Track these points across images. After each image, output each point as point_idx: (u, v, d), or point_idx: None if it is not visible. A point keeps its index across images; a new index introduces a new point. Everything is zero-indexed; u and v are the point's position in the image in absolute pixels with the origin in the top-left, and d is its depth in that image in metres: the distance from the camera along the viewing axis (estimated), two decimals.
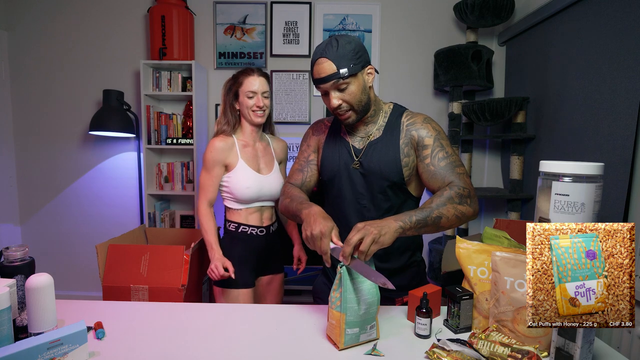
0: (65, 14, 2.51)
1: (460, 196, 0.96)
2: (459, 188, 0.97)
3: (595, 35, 1.62)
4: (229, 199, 1.47)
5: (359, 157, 1.10)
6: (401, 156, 1.06)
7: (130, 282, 1.74)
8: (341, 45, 1.00)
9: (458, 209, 0.95)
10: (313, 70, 1.04)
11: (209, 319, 0.98)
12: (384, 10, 2.52)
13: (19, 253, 0.88)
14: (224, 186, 1.45)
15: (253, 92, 1.41)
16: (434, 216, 0.92)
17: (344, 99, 1.02)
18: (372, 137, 1.10)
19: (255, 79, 1.42)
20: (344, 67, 0.99)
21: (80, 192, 2.61)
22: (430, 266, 2.45)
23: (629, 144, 1.40)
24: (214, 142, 1.42)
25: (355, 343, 0.85)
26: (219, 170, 1.43)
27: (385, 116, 1.12)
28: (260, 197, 1.46)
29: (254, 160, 1.48)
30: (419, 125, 1.07)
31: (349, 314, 0.82)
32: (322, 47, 1.02)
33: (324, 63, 0.99)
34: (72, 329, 0.76)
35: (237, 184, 1.42)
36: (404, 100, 2.57)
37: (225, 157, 1.42)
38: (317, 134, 1.22)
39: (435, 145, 1.04)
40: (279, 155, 1.59)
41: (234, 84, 1.45)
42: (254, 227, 1.47)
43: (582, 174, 0.75)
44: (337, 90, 1.02)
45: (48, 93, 2.55)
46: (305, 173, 1.20)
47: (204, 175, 1.44)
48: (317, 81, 1.03)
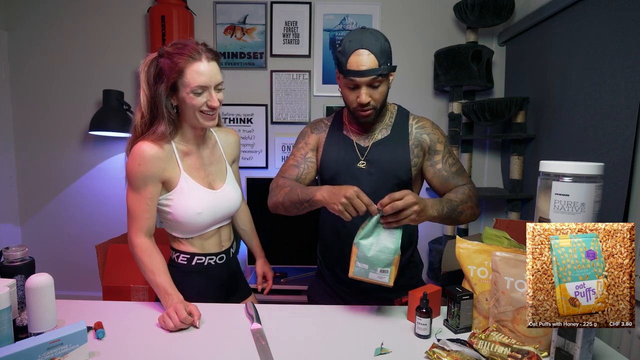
0: (66, 14, 2.51)
1: (476, 197, 1.05)
2: (474, 189, 1.05)
3: (595, 35, 1.62)
4: (174, 228, 1.08)
5: (365, 156, 1.08)
6: (411, 156, 1.07)
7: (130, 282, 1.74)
8: (380, 39, 0.95)
9: (473, 209, 1.02)
10: (348, 61, 0.95)
11: (209, 319, 0.98)
12: (384, 10, 2.52)
13: (19, 253, 0.88)
14: (164, 212, 1.05)
15: (202, 87, 0.97)
16: (459, 211, 0.98)
17: (373, 96, 0.99)
18: (379, 135, 1.09)
19: (204, 66, 0.96)
20: (385, 64, 0.95)
21: (80, 192, 2.61)
22: (430, 266, 2.45)
23: (629, 144, 1.40)
24: (143, 149, 0.96)
25: (365, 278, 0.91)
26: (153, 189, 1.00)
27: (392, 116, 1.11)
28: (217, 220, 1.11)
29: (200, 171, 1.08)
30: (429, 130, 1.10)
31: (360, 250, 0.91)
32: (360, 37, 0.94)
33: (366, 55, 0.93)
34: (72, 329, 0.76)
35: (183, 211, 1.02)
36: (404, 100, 2.56)
37: (161, 170, 1.00)
38: (317, 132, 1.17)
39: (445, 151, 1.09)
40: (231, 154, 1.21)
41: (168, 71, 0.96)
42: (212, 255, 1.12)
43: (582, 174, 0.75)
44: (370, 87, 0.97)
45: (48, 93, 2.55)
46: (301, 169, 1.14)
47: (132, 197, 1.00)
48: (355, 73, 0.95)
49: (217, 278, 1.14)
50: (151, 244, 1.03)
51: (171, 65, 0.96)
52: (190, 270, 1.10)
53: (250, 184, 2.34)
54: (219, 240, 1.15)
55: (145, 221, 1.01)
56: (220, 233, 1.15)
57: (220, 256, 1.14)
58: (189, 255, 1.10)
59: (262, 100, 2.56)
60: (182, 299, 0.97)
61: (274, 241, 2.34)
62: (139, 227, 1.01)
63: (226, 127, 1.25)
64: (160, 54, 1.00)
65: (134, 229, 1.01)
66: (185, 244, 1.10)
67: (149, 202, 1.00)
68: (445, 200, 0.97)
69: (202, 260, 1.11)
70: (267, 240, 2.25)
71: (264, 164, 2.58)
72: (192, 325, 0.93)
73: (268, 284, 1.33)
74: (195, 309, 0.94)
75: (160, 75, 0.99)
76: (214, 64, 1.00)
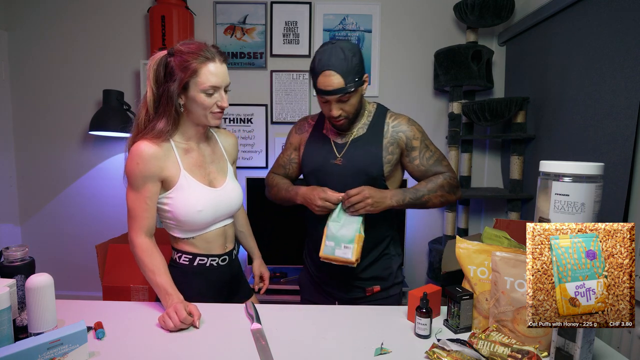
0: (66, 14, 2.51)
1: (450, 185, 1.11)
2: (450, 178, 1.11)
3: (595, 35, 1.62)
4: (173, 227, 1.08)
5: (341, 154, 1.16)
6: (384, 153, 1.14)
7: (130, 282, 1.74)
8: (348, 57, 1.02)
9: (445, 196, 1.10)
10: (318, 80, 1.05)
11: (209, 319, 0.98)
12: (384, 10, 2.52)
13: (19, 253, 0.88)
14: (164, 210, 1.05)
15: (215, 87, 1.00)
16: (423, 200, 1.08)
17: (344, 109, 1.08)
18: (355, 134, 1.17)
19: (217, 67, 0.99)
20: (351, 82, 1.03)
21: (80, 192, 2.61)
22: (430, 266, 2.45)
23: (629, 144, 1.40)
24: (141, 148, 0.97)
25: (332, 255, 1.06)
26: (152, 188, 1.00)
27: (370, 115, 1.18)
28: (218, 218, 1.10)
29: (202, 169, 1.08)
30: (405, 127, 1.15)
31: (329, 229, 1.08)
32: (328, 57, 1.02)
33: (332, 77, 1.02)
34: (72, 329, 0.76)
35: (183, 209, 1.02)
36: (404, 100, 2.58)
37: (159, 169, 1.00)
38: (299, 133, 1.28)
39: (421, 147, 1.15)
40: (231, 154, 1.22)
41: (181, 70, 0.97)
42: (214, 256, 1.11)
43: (582, 174, 0.75)
44: (340, 102, 1.06)
45: (48, 93, 2.55)
46: (287, 169, 1.31)
47: (132, 197, 1.00)
48: (323, 92, 1.05)
49: (218, 279, 1.13)
50: (152, 243, 1.03)
51: (184, 64, 0.97)
52: (192, 271, 1.09)
53: (250, 184, 2.34)
54: (224, 241, 1.14)
55: (145, 221, 1.01)
56: (226, 233, 1.15)
57: (223, 257, 1.14)
58: (191, 255, 1.09)
59: (262, 100, 2.56)
60: (182, 299, 0.97)
61: (274, 241, 2.34)
62: (139, 226, 1.01)
63: (224, 128, 1.27)
64: (170, 52, 1.00)
65: (135, 228, 1.01)
66: (187, 244, 1.08)
67: (148, 202, 1.01)
68: (411, 191, 1.09)
69: (204, 261, 1.10)
70: (267, 240, 2.26)
71: (264, 164, 2.59)
72: (192, 325, 0.93)
73: (264, 284, 1.35)
74: (195, 309, 0.94)
75: (171, 74, 0.98)
76: (225, 65, 1.03)
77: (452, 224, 2.38)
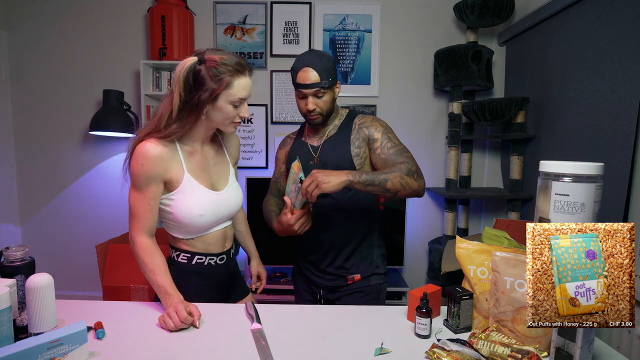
0: (66, 14, 2.51)
1: (409, 170, 1.14)
2: (408, 165, 1.16)
3: (595, 35, 1.62)
4: (173, 227, 1.08)
5: (317, 154, 1.28)
6: (352, 147, 1.24)
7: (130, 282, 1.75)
8: (324, 60, 1.18)
9: (404, 178, 1.12)
10: (297, 76, 1.20)
11: (209, 319, 0.98)
12: (384, 10, 2.52)
13: (19, 253, 0.88)
14: (165, 211, 1.05)
15: (242, 100, 1.03)
16: (382, 178, 1.09)
17: (318, 104, 1.21)
18: (328, 135, 1.29)
19: (248, 81, 1.03)
20: (326, 79, 1.18)
21: (80, 192, 2.61)
22: (430, 266, 2.45)
23: (629, 144, 1.40)
24: (146, 149, 0.97)
25: None
26: (155, 189, 1.00)
27: (341, 118, 1.31)
28: (219, 221, 1.11)
29: (205, 171, 1.08)
30: (369, 123, 1.26)
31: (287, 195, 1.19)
32: (307, 58, 1.18)
33: (310, 72, 1.17)
34: (72, 329, 0.76)
35: (184, 212, 1.03)
36: (404, 100, 2.58)
37: (163, 171, 1.00)
38: (283, 147, 1.41)
39: (383, 138, 1.23)
40: (234, 156, 1.23)
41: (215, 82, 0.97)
42: (213, 255, 1.12)
43: (582, 174, 0.75)
44: (315, 97, 1.20)
45: (48, 93, 2.55)
46: (279, 184, 1.42)
47: (134, 197, 1.00)
48: (301, 86, 1.19)
49: (216, 278, 1.14)
50: (152, 243, 1.03)
51: (218, 76, 0.97)
52: (190, 269, 1.10)
53: (250, 183, 2.34)
54: (223, 241, 1.15)
55: (147, 221, 1.01)
56: (226, 235, 1.16)
57: (221, 257, 1.14)
58: (189, 254, 1.09)
59: (262, 100, 2.56)
60: (183, 299, 0.97)
61: (273, 241, 2.33)
62: (140, 226, 1.01)
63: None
64: (201, 60, 0.98)
65: (136, 228, 1.01)
66: (186, 243, 1.09)
67: (151, 202, 1.01)
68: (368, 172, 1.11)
69: (203, 260, 1.10)
70: (267, 240, 2.25)
71: (264, 164, 2.59)
72: (192, 325, 0.93)
73: (262, 283, 1.38)
74: (195, 308, 0.94)
75: (202, 83, 0.97)
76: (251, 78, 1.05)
77: (452, 224, 2.38)
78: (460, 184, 2.46)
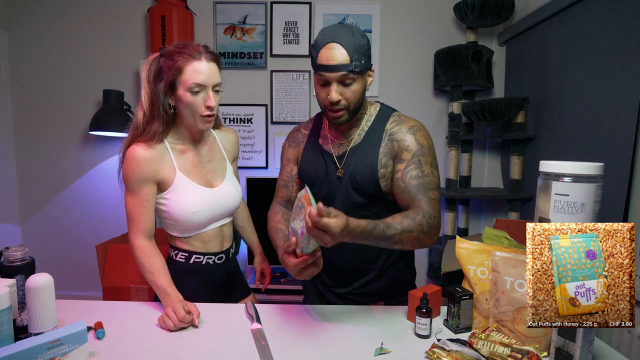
0: (66, 14, 2.51)
1: (430, 226, 0.89)
2: (431, 217, 0.90)
3: (595, 35, 1.62)
4: (170, 226, 1.09)
5: (341, 165, 1.02)
6: (378, 166, 0.98)
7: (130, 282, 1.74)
8: (357, 36, 0.89)
9: (420, 239, 0.88)
10: (319, 55, 0.90)
11: (209, 319, 0.98)
12: (384, 10, 2.52)
13: (19, 253, 0.88)
14: (161, 211, 1.06)
15: (200, 86, 0.97)
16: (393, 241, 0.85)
17: (345, 95, 0.92)
18: (353, 142, 1.01)
19: (203, 65, 0.97)
20: (358, 60, 0.88)
21: (80, 192, 2.61)
22: (430, 266, 2.45)
23: (629, 144, 1.40)
24: (135, 152, 0.98)
25: None
26: (149, 190, 1.01)
27: (370, 120, 1.03)
28: (215, 218, 1.10)
29: (198, 169, 1.08)
30: (403, 134, 0.97)
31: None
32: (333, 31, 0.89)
33: (337, 49, 0.87)
34: (72, 329, 0.76)
35: (179, 209, 1.03)
36: (404, 100, 2.58)
37: (154, 172, 1.00)
38: (294, 146, 1.15)
39: (412, 161, 0.95)
40: (231, 152, 1.21)
41: (168, 69, 0.97)
42: (211, 254, 1.12)
43: (582, 174, 0.75)
44: (341, 84, 0.91)
45: (48, 93, 2.55)
46: (290, 189, 1.16)
47: (129, 200, 1.02)
48: (324, 68, 0.89)
49: (215, 278, 1.14)
50: (151, 245, 1.04)
51: (171, 63, 0.98)
52: (188, 268, 1.10)
53: (250, 183, 2.33)
54: (221, 240, 1.15)
55: (143, 223, 1.02)
56: (223, 233, 1.15)
57: (219, 256, 1.14)
58: (187, 253, 1.10)
59: (262, 100, 2.56)
60: (182, 299, 0.98)
61: None
62: (137, 229, 1.03)
63: (225, 127, 1.25)
64: (161, 53, 1.02)
65: (134, 231, 1.03)
66: (184, 242, 1.10)
67: (145, 204, 1.02)
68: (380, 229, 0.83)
69: (201, 259, 1.11)
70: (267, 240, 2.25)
71: (264, 164, 2.58)
72: (191, 324, 0.93)
73: (266, 280, 1.34)
74: (194, 307, 0.95)
75: (159, 73, 1.00)
76: (214, 65, 1.00)
77: (452, 224, 2.38)
78: (460, 184, 2.46)
